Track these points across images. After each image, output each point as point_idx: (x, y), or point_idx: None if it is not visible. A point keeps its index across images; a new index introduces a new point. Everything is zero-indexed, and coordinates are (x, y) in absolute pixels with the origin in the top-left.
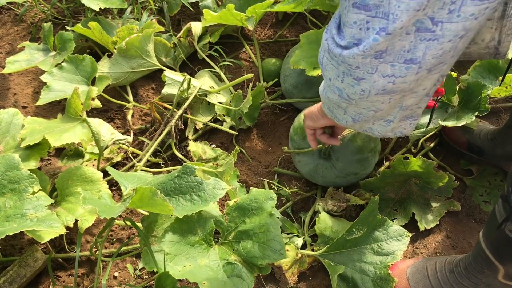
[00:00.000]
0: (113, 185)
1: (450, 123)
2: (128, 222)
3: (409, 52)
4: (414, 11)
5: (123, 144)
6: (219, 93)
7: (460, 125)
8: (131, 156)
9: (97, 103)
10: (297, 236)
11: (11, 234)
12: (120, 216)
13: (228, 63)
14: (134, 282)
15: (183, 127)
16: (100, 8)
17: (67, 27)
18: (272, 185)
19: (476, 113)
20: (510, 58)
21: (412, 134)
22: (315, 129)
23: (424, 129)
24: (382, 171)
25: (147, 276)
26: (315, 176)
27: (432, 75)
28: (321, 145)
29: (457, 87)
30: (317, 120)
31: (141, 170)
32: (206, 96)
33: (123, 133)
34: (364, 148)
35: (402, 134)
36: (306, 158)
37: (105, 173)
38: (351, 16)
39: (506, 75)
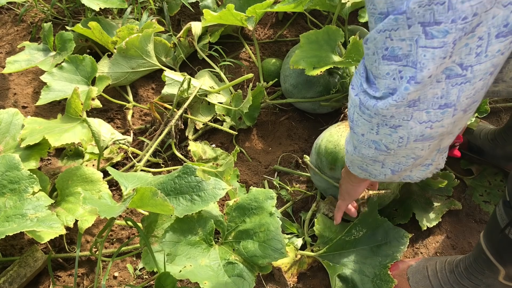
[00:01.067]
0: (113, 185)
1: None
2: (128, 222)
3: (443, 98)
4: (440, 59)
5: (123, 144)
6: (219, 93)
7: None
8: (131, 156)
9: (97, 103)
10: (297, 236)
11: (11, 234)
12: (120, 216)
13: (228, 63)
14: (134, 282)
15: (183, 127)
16: (100, 8)
17: (67, 27)
18: (274, 183)
19: (476, 114)
20: None
21: None
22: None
23: None
24: None
25: (147, 276)
26: (326, 191)
27: (467, 114)
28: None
29: None
30: (355, 191)
31: (141, 170)
32: (206, 96)
33: (123, 133)
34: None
35: (438, 170)
36: (322, 180)
37: (105, 173)
38: (383, 68)
39: None
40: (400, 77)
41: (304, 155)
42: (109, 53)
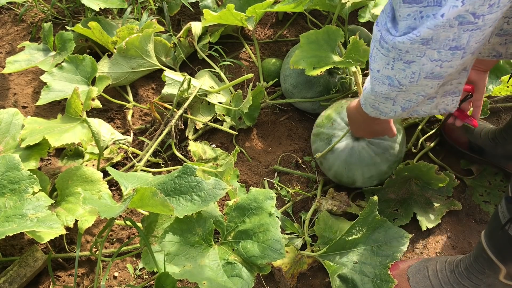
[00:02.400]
0: (113, 185)
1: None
2: (128, 222)
3: (454, 41)
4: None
5: (123, 144)
6: (219, 93)
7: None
8: (131, 156)
9: (97, 103)
10: (297, 236)
11: (11, 234)
12: (120, 216)
13: (228, 63)
14: (134, 282)
15: (183, 127)
16: (100, 8)
17: (67, 27)
18: (274, 184)
19: None
20: None
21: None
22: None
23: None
24: None
25: (147, 276)
26: (349, 167)
27: (474, 55)
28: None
29: None
30: (368, 129)
31: (141, 170)
32: (206, 96)
33: (123, 133)
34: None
35: (446, 111)
36: (340, 147)
37: (105, 173)
38: (403, 11)
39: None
40: (420, 17)
41: (317, 154)
42: (109, 53)
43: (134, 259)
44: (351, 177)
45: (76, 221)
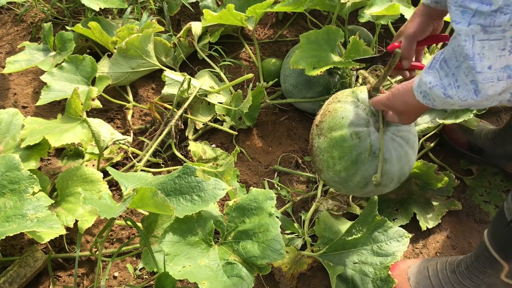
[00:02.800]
0: (113, 185)
1: (448, 121)
2: (128, 222)
3: None
4: None
5: (123, 144)
6: (219, 93)
7: (458, 121)
8: (131, 156)
9: (97, 103)
10: (297, 236)
11: (11, 234)
12: (120, 216)
13: (228, 63)
14: (134, 282)
15: (183, 127)
16: (100, 8)
17: (67, 27)
18: (274, 184)
19: (474, 111)
20: None
21: None
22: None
23: (426, 125)
24: None
25: (147, 276)
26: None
27: None
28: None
29: None
30: (412, 115)
31: (141, 170)
32: (206, 96)
33: (123, 133)
34: None
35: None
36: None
37: (105, 173)
38: None
39: None
40: None
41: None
42: (109, 53)
43: (134, 259)
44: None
45: (76, 221)
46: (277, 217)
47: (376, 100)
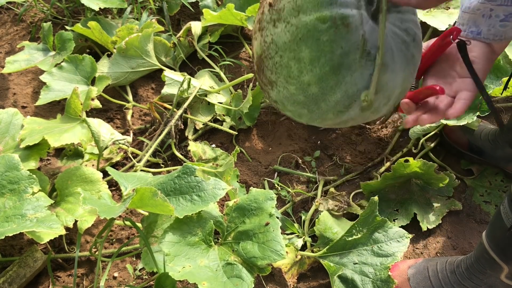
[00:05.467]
0: (113, 185)
1: (451, 122)
2: (128, 222)
3: None
4: None
5: (122, 144)
6: (219, 93)
7: (461, 124)
8: (131, 156)
9: (96, 103)
10: (297, 236)
11: (10, 235)
12: (120, 216)
13: (228, 63)
14: (134, 282)
15: (183, 127)
16: (99, 8)
17: (67, 27)
18: (275, 184)
19: (477, 113)
20: None
21: (412, 133)
22: None
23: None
24: (383, 175)
25: (146, 277)
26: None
27: None
28: None
29: None
30: None
31: (141, 170)
32: (206, 96)
33: (122, 133)
34: None
35: None
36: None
37: (105, 173)
38: None
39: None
40: None
41: None
42: (109, 53)
43: (134, 259)
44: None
45: (76, 221)
46: (277, 218)
47: None
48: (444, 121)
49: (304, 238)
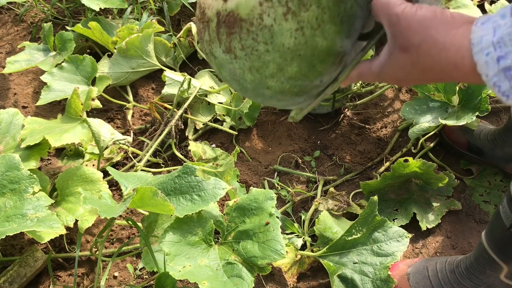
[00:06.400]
0: (113, 185)
1: (450, 122)
2: (128, 222)
3: None
4: None
5: (123, 144)
6: (219, 93)
7: (460, 124)
8: (131, 156)
9: (97, 103)
10: (297, 236)
11: (11, 234)
12: (120, 216)
13: None
14: (134, 282)
15: (183, 127)
16: (100, 8)
17: (67, 27)
18: (275, 184)
19: (477, 113)
20: None
21: (411, 133)
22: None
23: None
24: (382, 174)
25: (147, 276)
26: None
27: None
28: None
29: (457, 87)
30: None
31: (141, 170)
32: (206, 96)
33: (123, 133)
34: None
35: None
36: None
37: (105, 173)
38: None
39: None
40: None
41: None
42: (109, 53)
43: (134, 259)
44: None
45: (76, 221)
46: (277, 217)
47: (387, 1)
48: (443, 121)
49: (304, 238)
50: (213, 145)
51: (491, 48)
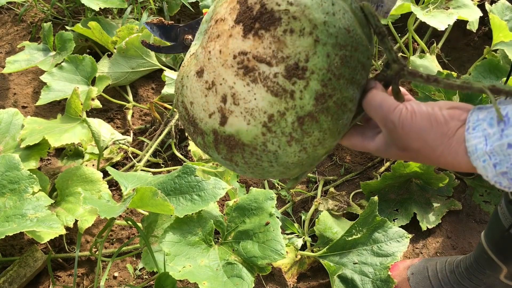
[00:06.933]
0: (113, 185)
1: None
2: (128, 222)
3: None
4: None
5: (123, 144)
6: None
7: None
8: (131, 156)
9: (97, 103)
10: (297, 236)
11: (11, 234)
12: (120, 216)
13: None
14: (134, 282)
15: (183, 127)
16: (100, 8)
17: (67, 27)
18: (275, 184)
19: None
20: None
21: None
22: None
23: None
24: (383, 175)
25: (147, 276)
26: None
27: None
28: None
29: None
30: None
31: (141, 170)
32: None
33: (123, 133)
34: None
35: None
36: None
37: (105, 173)
38: None
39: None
40: None
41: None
42: (109, 53)
43: (134, 259)
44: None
45: (76, 221)
46: (277, 217)
47: (380, 103)
48: None
49: (304, 238)
50: None
51: (486, 156)
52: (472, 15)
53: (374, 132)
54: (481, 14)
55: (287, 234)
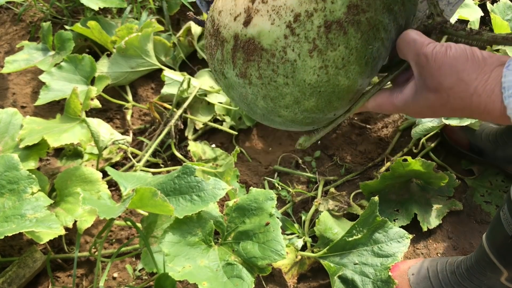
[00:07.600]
0: (113, 185)
1: (453, 122)
2: (128, 223)
3: None
4: None
5: (122, 144)
6: (219, 93)
7: (463, 124)
8: (130, 156)
9: (96, 103)
10: (297, 236)
11: (10, 235)
12: (119, 216)
13: None
14: (134, 282)
15: (182, 127)
16: (99, 8)
17: (66, 27)
18: (275, 184)
19: None
20: None
21: (414, 133)
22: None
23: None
24: (382, 174)
25: (146, 277)
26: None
27: None
28: None
29: None
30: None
31: (141, 170)
32: (206, 96)
33: (122, 133)
34: None
35: None
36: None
37: (104, 173)
38: None
39: None
40: None
41: None
42: (108, 52)
43: (134, 259)
44: None
45: (75, 221)
46: (278, 218)
47: (414, 39)
48: (447, 121)
49: (304, 239)
50: (213, 145)
51: None
52: (473, 15)
53: (402, 86)
54: (482, 14)
55: (287, 234)
